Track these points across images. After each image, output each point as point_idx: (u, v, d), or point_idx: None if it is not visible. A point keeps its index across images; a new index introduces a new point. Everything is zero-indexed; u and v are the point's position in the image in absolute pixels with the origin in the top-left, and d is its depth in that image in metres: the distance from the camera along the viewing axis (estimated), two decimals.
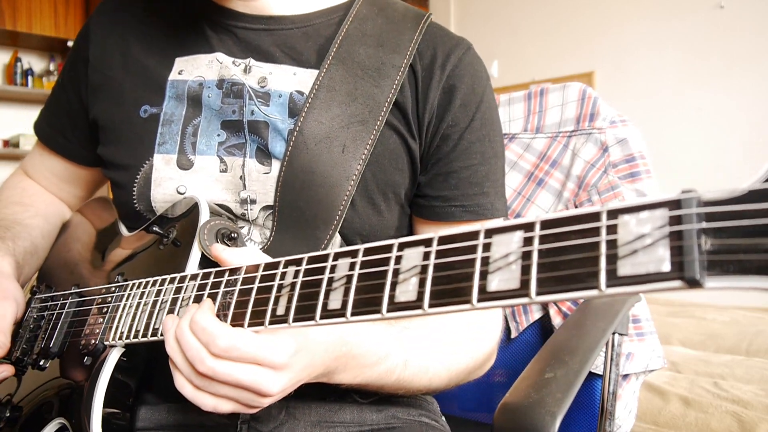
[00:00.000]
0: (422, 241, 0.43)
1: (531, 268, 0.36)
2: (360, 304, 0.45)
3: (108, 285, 0.74)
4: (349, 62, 0.75)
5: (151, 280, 0.67)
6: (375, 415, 0.77)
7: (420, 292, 0.41)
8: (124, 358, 0.66)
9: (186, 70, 0.78)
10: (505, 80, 4.45)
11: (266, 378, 0.52)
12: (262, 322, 0.51)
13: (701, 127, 3.59)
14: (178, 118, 0.76)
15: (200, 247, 0.66)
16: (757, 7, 3.41)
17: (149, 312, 0.64)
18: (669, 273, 0.31)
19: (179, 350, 0.54)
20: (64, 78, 0.89)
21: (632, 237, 0.33)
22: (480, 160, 0.77)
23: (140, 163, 0.76)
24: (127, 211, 0.79)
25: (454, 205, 0.77)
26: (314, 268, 0.50)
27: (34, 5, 4.12)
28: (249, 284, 0.55)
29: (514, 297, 0.37)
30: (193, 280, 0.61)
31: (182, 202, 0.73)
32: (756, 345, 2.37)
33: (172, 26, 0.81)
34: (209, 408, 0.54)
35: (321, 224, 0.72)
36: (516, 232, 0.38)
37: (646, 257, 0.32)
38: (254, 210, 0.74)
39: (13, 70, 4.29)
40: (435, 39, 0.78)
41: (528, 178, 1.13)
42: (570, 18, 4.22)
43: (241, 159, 0.73)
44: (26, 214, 0.89)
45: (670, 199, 0.32)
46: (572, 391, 0.61)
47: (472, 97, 0.76)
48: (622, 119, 1.07)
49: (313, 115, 0.72)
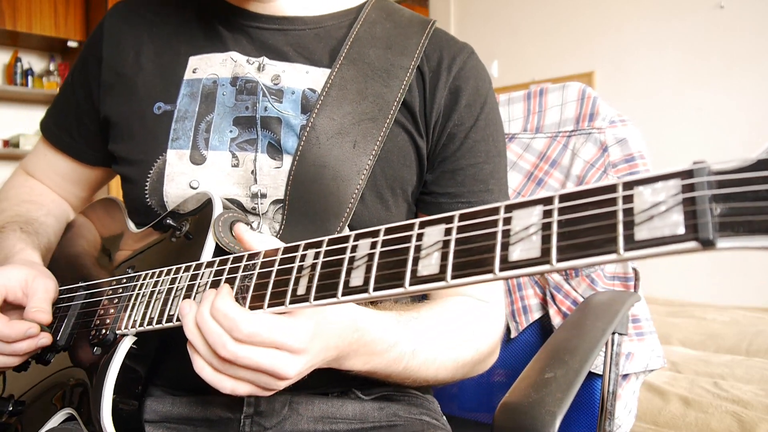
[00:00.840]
0: (443, 219, 0.45)
1: (551, 238, 0.38)
2: (382, 279, 0.46)
3: (119, 277, 0.74)
4: (359, 63, 0.78)
5: (165, 269, 0.67)
6: (377, 413, 0.78)
7: (442, 265, 0.43)
8: (135, 347, 0.66)
9: (200, 69, 0.80)
10: (505, 80, 4.45)
11: (285, 362, 0.53)
12: (282, 302, 0.52)
13: (701, 127, 3.59)
14: (192, 115, 0.78)
15: (215, 238, 0.66)
16: (757, 7, 3.41)
17: (164, 299, 0.64)
18: (684, 235, 0.33)
19: (200, 335, 0.54)
20: (74, 77, 0.90)
21: (648, 205, 0.35)
22: (484, 158, 0.80)
23: (153, 159, 0.77)
24: (138, 206, 0.80)
25: (460, 201, 0.79)
26: (335, 249, 0.51)
27: (34, 5, 4.11)
28: (269, 267, 0.55)
29: (535, 265, 0.38)
30: (210, 267, 0.62)
31: (194, 198, 0.74)
32: (756, 345, 2.37)
33: (186, 26, 0.84)
34: (228, 390, 0.55)
35: (332, 217, 0.74)
36: (536, 206, 0.40)
37: (661, 222, 0.34)
38: (264, 204, 0.75)
39: (13, 70, 4.29)
40: (441, 43, 0.81)
41: (528, 178, 1.13)
42: (570, 18, 4.22)
43: (252, 154, 0.75)
44: (40, 212, 0.91)
45: (682, 169, 0.35)
46: (572, 391, 0.61)
47: (476, 97, 0.80)
48: (622, 119, 1.07)
49: (326, 112, 0.75)
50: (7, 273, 0.72)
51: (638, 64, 3.87)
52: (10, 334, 0.67)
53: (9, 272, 0.72)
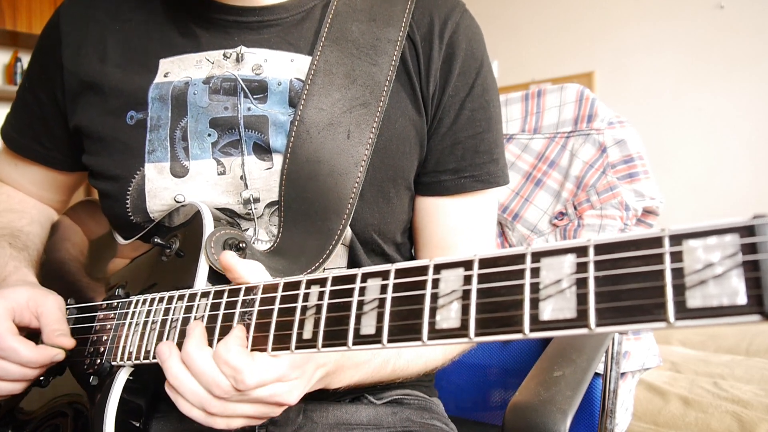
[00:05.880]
0: (461, 263, 0.40)
1: (588, 297, 0.34)
2: (397, 330, 0.42)
3: (110, 300, 0.70)
4: (342, 42, 0.71)
5: (157, 296, 0.62)
6: (390, 418, 0.77)
7: (464, 319, 0.39)
8: (132, 378, 0.63)
9: (172, 72, 0.72)
10: (505, 80, 4.45)
11: (284, 391, 0.52)
12: (287, 347, 0.48)
13: (701, 127, 3.59)
14: (165, 122, 0.71)
15: (208, 261, 0.61)
16: (757, 7, 3.41)
17: (158, 332, 0.60)
18: (746, 306, 0.29)
19: (188, 377, 0.51)
20: (33, 81, 0.81)
21: (700, 265, 0.31)
22: (486, 126, 0.74)
23: (131, 174, 0.71)
24: (121, 222, 0.74)
25: (463, 176, 0.74)
26: (341, 289, 0.47)
27: (34, 5, 4.12)
28: (269, 305, 0.51)
29: (570, 328, 0.34)
30: (205, 297, 0.57)
31: (182, 210, 0.69)
32: (756, 345, 2.37)
33: (154, 23, 0.75)
34: (221, 427, 0.53)
35: (332, 215, 0.68)
36: (567, 255, 0.36)
37: (717, 288, 0.30)
38: (259, 208, 0.70)
39: (13, 70, 4.29)
40: (429, 4, 0.74)
41: (526, 179, 1.13)
42: (570, 18, 4.22)
43: (239, 158, 0.70)
44: (23, 222, 0.84)
45: (740, 224, 0.30)
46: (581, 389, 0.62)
47: (471, 62, 0.73)
48: (620, 120, 1.07)
49: (313, 102, 0.68)
50: (12, 294, 0.66)
51: (638, 65, 3.87)
52: (37, 360, 0.63)
53: (13, 294, 0.67)
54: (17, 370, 0.63)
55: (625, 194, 1.04)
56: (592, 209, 1.05)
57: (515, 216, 1.13)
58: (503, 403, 1.06)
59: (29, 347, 0.63)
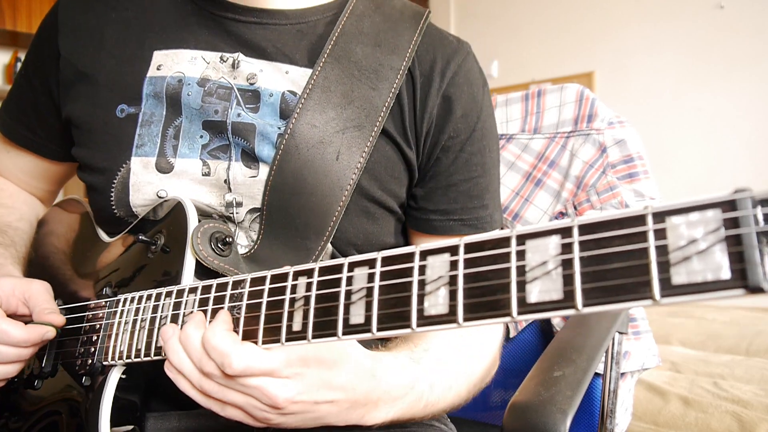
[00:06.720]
0: (446, 248, 0.40)
1: (574, 278, 0.34)
2: (386, 318, 0.42)
3: (98, 299, 0.70)
4: (345, 61, 0.71)
5: (145, 294, 0.62)
6: None
7: (452, 305, 0.39)
8: (124, 376, 0.63)
9: (165, 65, 0.72)
10: (505, 80, 4.45)
11: (275, 386, 0.50)
12: (277, 339, 0.48)
13: (701, 127, 3.59)
14: (158, 119, 0.71)
15: (194, 255, 0.61)
16: (757, 7, 3.41)
17: (148, 330, 0.60)
18: (730, 281, 0.29)
19: (186, 356, 0.52)
20: (29, 70, 0.82)
21: (684, 242, 0.30)
22: (480, 171, 0.75)
23: (117, 167, 0.71)
24: (106, 216, 0.74)
25: (452, 219, 0.74)
26: (328, 280, 0.47)
27: (34, 5, 4.12)
28: (257, 298, 0.51)
29: (558, 309, 0.34)
30: (193, 293, 0.57)
31: (165, 205, 0.69)
32: (756, 345, 2.37)
33: (152, 14, 0.75)
34: (216, 410, 0.53)
35: (312, 234, 0.68)
36: (551, 237, 0.35)
37: (701, 264, 0.30)
38: (240, 213, 0.70)
39: (13, 70, 4.29)
40: (434, 42, 0.75)
41: (526, 179, 1.13)
42: (570, 18, 4.22)
43: (225, 162, 0.70)
44: (12, 218, 0.85)
45: (722, 199, 0.30)
46: (581, 389, 0.62)
47: (473, 105, 0.74)
48: (620, 120, 1.07)
49: (306, 118, 0.68)
50: None
51: (638, 65, 3.87)
52: (29, 338, 0.63)
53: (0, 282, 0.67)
54: (11, 351, 0.63)
55: (625, 194, 1.04)
56: (592, 209, 1.05)
57: (515, 216, 1.13)
58: (503, 403, 1.06)
59: (19, 327, 0.63)
